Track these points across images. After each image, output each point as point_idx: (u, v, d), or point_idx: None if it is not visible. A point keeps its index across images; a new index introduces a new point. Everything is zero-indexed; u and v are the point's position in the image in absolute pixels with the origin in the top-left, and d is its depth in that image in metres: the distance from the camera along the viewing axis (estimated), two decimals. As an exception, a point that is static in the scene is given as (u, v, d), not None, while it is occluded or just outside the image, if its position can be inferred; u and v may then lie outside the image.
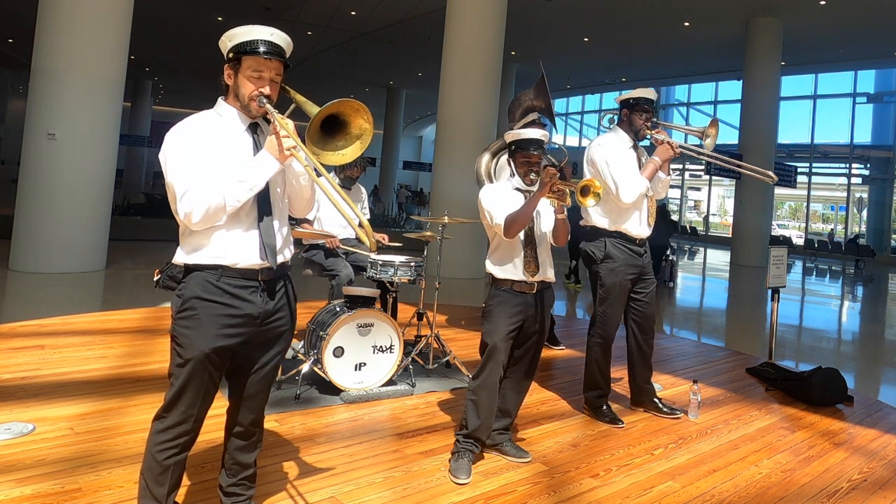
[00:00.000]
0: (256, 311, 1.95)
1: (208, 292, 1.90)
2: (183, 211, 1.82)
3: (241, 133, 1.98)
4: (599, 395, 3.58)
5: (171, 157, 1.85)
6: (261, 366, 2.05)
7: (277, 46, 1.92)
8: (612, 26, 16.65)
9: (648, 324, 3.63)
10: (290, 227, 2.16)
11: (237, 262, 1.92)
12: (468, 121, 9.29)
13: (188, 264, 1.94)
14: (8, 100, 30.05)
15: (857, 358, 6.70)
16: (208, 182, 1.83)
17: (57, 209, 7.17)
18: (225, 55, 1.94)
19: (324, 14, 16.29)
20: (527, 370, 2.97)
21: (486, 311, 2.87)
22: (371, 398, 3.57)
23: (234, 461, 2.11)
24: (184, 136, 1.88)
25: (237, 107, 1.97)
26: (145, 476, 1.94)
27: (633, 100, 3.55)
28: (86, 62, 7.31)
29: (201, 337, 1.88)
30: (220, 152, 1.89)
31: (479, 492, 2.59)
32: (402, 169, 31.02)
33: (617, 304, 3.52)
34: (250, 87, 1.92)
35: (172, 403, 1.92)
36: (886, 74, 21.58)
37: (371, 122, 1.93)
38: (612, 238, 3.52)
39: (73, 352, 4.10)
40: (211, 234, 1.90)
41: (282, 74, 1.96)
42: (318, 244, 4.30)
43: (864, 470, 3.10)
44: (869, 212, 22.48)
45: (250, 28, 1.91)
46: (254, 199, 1.93)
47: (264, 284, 1.97)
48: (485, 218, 2.85)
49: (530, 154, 2.85)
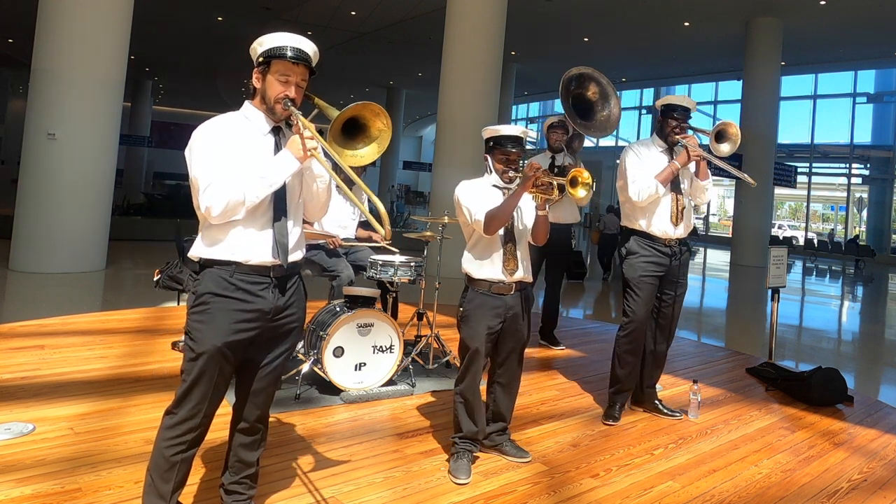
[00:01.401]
0: (268, 307, 2.01)
1: (222, 288, 1.96)
2: (204, 204, 1.89)
3: (264, 135, 2.05)
4: (618, 390, 3.58)
5: (197, 153, 1.93)
6: (269, 361, 2.10)
7: (305, 53, 2.02)
8: (612, 26, 16.65)
9: (668, 326, 3.63)
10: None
11: (249, 259, 1.98)
12: (468, 121, 9.28)
13: (203, 259, 2.00)
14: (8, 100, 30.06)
15: (857, 358, 6.70)
16: (230, 177, 1.90)
17: (57, 209, 7.18)
18: (255, 60, 2.04)
19: (324, 14, 16.30)
20: (514, 373, 2.92)
21: (463, 316, 2.79)
22: (371, 398, 3.57)
23: (238, 458, 2.14)
24: (210, 134, 1.96)
25: (262, 109, 2.05)
26: (152, 472, 1.97)
27: (664, 106, 3.59)
28: (86, 62, 7.31)
29: (214, 331, 1.93)
30: (243, 151, 1.97)
31: (479, 492, 2.59)
32: (402, 169, 31.06)
33: (641, 300, 3.51)
34: (277, 90, 2.00)
35: (183, 398, 1.96)
36: (886, 74, 21.57)
37: (389, 127, 2.02)
38: (638, 236, 3.55)
39: (73, 352, 4.10)
40: (228, 230, 1.97)
41: (307, 80, 2.04)
42: (319, 244, 4.30)
43: (864, 470, 3.10)
44: (869, 212, 22.47)
45: (281, 35, 2.01)
46: (270, 199, 2.00)
47: (276, 281, 2.03)
48: (462, 215, 2.79)
49: (508, 151, 2.79)
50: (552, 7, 14.80)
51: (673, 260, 3.55)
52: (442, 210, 4.68)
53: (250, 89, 2.09)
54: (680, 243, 3.58)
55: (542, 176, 2.67)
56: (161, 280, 4.29)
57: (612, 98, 4.44)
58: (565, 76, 4.39)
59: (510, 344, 2.85)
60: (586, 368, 4.58)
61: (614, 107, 4.44)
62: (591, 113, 4.47)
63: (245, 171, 1.93)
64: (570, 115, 4.40)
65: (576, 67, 4.42)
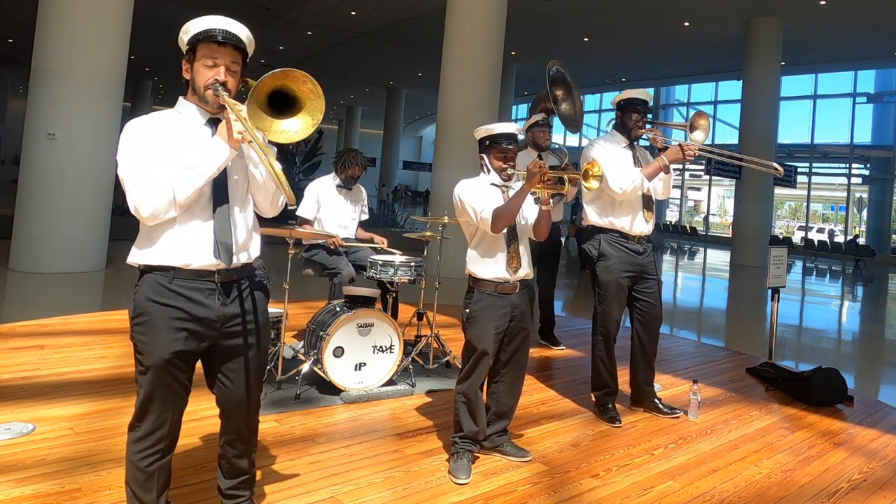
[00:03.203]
0: (214, 315, 1.87)
1: (160, 295, 1.82)
2: (132, 204, 1.76)
3: (199, 128, 1.90)
4: (607, 392, 3.58)
5: (122, 152, 1.80)
6: (233, 374, 1.95)
7: (232, 34, 1.87)
8: (612, 26, 16.65)
9: (653, 324, 3.62)
10: (261, 226, 2.06)
11: (189, 263, 1.84)
12: (468, 121, 9.25)
13: (141, 265, 1.86)
14: (8, 100, 30.09)
15: (857, 358, 6.70)
16: (158, 175, 1.76)
17: (57, 209, 7.17)
18: (183, 50, 1.89)
19: (324, 14, 16.30)
20: (518, 372, 2.92)
21: (470, 317, 2.77)
22: (371, 398, 3.57)
23: (230, 465, 2.09)
24: (135, 132, 1.83)
25: (195, 101, 1.91)
26: (131, 485, 1.89)
27: (624, 101, 3.60)
28: (86, 62, 7.30)
29: (158, 343, 1.80)
30: (177, 148, 1.82)
31: (479, 492, 2.59)
32: (402, 169, 31.08)
33: (615, 302, 3.52)
34: (205, 76, 1.85)
35: (143, 411, 1.85)
36: (886, 74, 21.57)
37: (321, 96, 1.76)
38: (608, 235, 3.53)
39: (73, 352, 4.10)
40: (163, 232, 1.82)
41: (239, 63, 1.89)
42: (320, 244, 4.30)
43: (864, 470, 3.10)
44: (869, 212, 22.47)
45: (206, 18, 1.87)
46: (209, 195, 1.86)
47: (220, 286, 1.89)
48: (465, 214, 2.77)
49: (505, 149, 2.78)
50: (552, 7, 14.81)
51: (644, 257, 3.56)
52: (442, 210, 4.67)
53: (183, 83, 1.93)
54: (647, 240, 3.60)
55: (548, 172, 2.68)
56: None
57: (574, 91, 4.63)
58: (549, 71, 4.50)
59: (517, 342, 2.86)
60: (586, 368, 4.54)
61: (577, 101, 4.64)
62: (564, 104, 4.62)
63: (176, 167, 1.78)
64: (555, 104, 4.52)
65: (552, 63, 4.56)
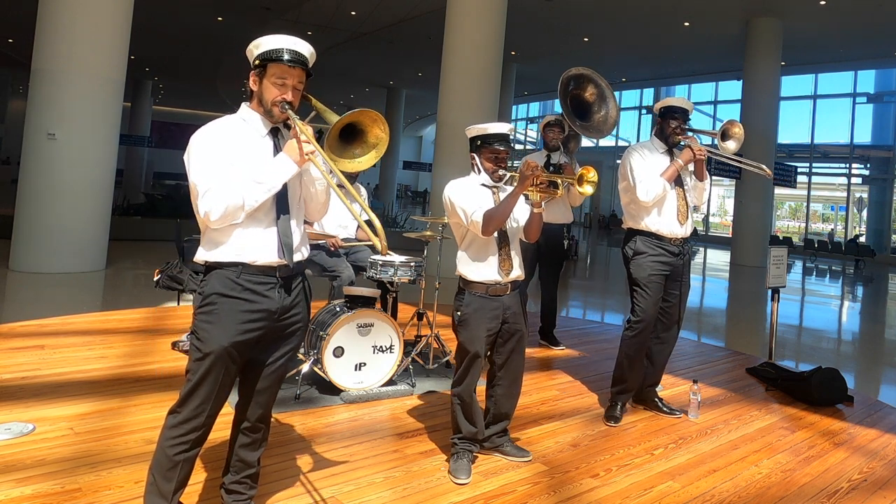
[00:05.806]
0: (274, 307, 2.02)
1: (229, 288, 1.97)
2: (203, 209, 1.89)
3: (262, 137, 2.05)
4: (621, 390, 3.58)
5: (195, 158, 1.92)
6: (273, 361, 2.11)
7: (301, 55, 2.01)
8: (612, 26, 16.65)
9: (671, 324, 3.64)
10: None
11: (256, 260, 1.99)
12: (468, 121, 9.18)
13: (209, 262, 2.01)
14: (8, 100, 30.09)
15: (857, 358, 6.70)
16: (229, 182, 1.90)
17: (57, 209, 7.17)
18: (251, 62, 2.03)
19: (324, 14, 16.29)
20: (515, 375, 2.89)
21: (461, 320, 2.75)
22: (371, 398, 3.57)
23: (239, 458, 2.16)
24: (207, 138, 1.95)
25: (260, 112, 2.05)
26: (154, 471, 1.98)
27: (664, 108, 3.63)
28: (86, 62, 7.31)
29: (221, 331, 1.94)
30: (242, 154, 1.97)
31: (479, 492, 2.59)
32: (402, 169, 31.06)
33: (651, 298, 3.51)
34: (274, 93, 1.99)
35: (187, 398, 1.96)
36: (886, 74, 21.57)
37: (387, 133, 2.01)
38: (644, 236, 3.57)
39: (73, 352, 4.10)
40: (231, 233, 1.97)
41: (304, 82, 2.04)
42: (320, 244, 4.30)
43: (864, 470, 3.10)
44: (869, 212, 22.46)
45: (276, 37, 2.00)
46: (273, 200, 2.01)
47: (282, 281, 2.05)
48: (455, 215, 2.75)
49: (497, 150, 2.76)
50: (552, 7, 14.81)
51: (679, 259, 3.57)
52: (442, 210, 4.67)
53: (248, 91, 2.09)
54: (684, 242, 3.61)
55: (541, 175, 2.67)
56: (161, 280, 4.30)
57: (609, 100, 4.46)
58: (564, 76, 4.41)
59: (512, 343, 2.84)
60: (586, 368, 4.58)
61: (612, 108, 4.45)
62: (588, 114, 4.48)
63: (244, 174, 1.92)
64: (568, 115, 4.41)
65: (575, 68, 4.44)
